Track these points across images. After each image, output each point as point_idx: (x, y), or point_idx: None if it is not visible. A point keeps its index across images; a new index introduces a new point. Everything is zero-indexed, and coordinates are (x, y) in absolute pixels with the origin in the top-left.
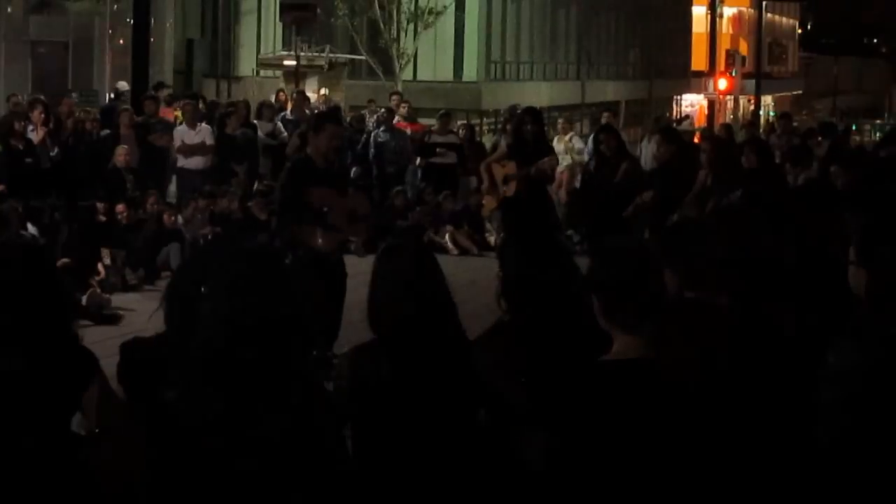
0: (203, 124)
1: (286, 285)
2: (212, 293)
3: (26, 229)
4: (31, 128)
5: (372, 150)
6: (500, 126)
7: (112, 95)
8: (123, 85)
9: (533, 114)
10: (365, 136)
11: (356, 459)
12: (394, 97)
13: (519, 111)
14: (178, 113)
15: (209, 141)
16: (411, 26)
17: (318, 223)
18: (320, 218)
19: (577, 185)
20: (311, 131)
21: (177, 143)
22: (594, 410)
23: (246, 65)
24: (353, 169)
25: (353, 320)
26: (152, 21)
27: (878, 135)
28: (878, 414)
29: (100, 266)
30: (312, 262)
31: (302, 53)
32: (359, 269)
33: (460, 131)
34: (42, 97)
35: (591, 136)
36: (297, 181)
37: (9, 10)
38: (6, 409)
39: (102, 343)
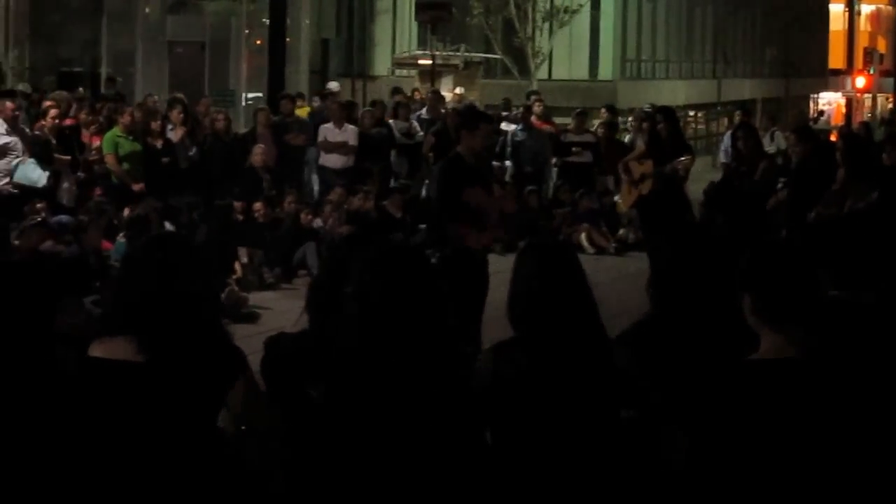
0: (349, 126)
1: (431, 284)
2: (358, 291)
3: (164, 228)
4: (170, 127)
5: (509, 148)
6: (636, 125)
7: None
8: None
9: (665, 112)
10: (502, 136)
11: (496, 455)
12: (532, 97)
13: (649, 109)
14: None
15: (352, 142)
16: (546, 25)
17: (474, 222)
18: (476, 216)
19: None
20: (464, 129)
21: (320, 138)
22: (739, 411)
23: (381, 64)
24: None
25: (494, 318)
26: (288, 21)
27: None
28: None
29: (237, 265)
30: (460, 260)
31: (437, 52)
32: (498, 267)
33: (598, 130)
34: (182, 96)
35: (729, 133)
36: (452, 180)
37: (146, 10)
38: (157, 403)
39: (240, 341)
